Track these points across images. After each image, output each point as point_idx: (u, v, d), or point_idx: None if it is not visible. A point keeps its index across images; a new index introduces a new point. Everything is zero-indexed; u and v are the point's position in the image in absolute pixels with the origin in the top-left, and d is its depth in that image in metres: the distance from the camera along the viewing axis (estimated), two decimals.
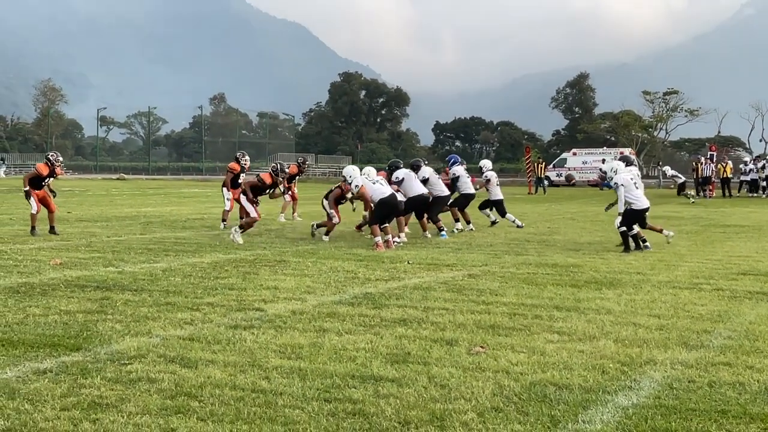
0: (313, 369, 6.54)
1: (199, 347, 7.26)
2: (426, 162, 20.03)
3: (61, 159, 18.58)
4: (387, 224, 16.38)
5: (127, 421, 5.23)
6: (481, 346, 7.33)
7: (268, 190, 17.69)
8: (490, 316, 8.80)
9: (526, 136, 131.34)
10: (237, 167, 20.65)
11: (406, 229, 18.08)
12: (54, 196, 18.62)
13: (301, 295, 10.15)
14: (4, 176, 69.51)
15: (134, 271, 12.14)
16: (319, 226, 18.10)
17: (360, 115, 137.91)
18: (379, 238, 15.87)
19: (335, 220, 17.59)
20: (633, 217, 15.38)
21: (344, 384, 6.14)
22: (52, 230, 17.86)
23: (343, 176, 17.05)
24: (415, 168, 18.72)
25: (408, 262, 13.53)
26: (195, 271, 12.25)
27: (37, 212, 17.91)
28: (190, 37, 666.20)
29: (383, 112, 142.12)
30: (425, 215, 18.57)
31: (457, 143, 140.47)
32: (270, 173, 17.70)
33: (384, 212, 16.35)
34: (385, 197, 16.34)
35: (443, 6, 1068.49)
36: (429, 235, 18.15)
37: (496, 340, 7.63)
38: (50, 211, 18.12)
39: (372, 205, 16.52)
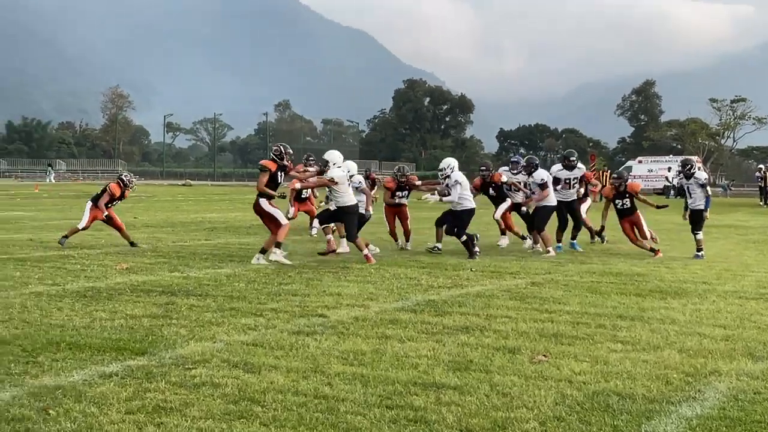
0: (375, 376, 6.55)
1: (262, 353, 7.30)
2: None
3: (134, 180, 17.37)
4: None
5: (191, 425, 5.28)
6: (544, 355, 7.28)
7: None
8: (553, 325, 8.73)
9: (590, 144, 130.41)
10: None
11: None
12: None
13: (364, 302, 10.16)
14: (53, 182, 70.64)
15: (199, 277, 12.26)
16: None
17: (424, 122, 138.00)
18: (366, 251, 14.83)
19: (290, 215, 17.06)
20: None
21: (406, 391, 6.14)
22: (132, 245, 16.50)
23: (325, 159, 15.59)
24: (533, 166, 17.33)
25: (471, 270, 13.49)
26: (259, 277, 12.33)
27: (83, 229, 16.65)
28: (257, 45, 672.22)
29: (447, 119, 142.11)
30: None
31: (522, 150, 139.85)
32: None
33: (354, 221, 15.11)
34: (349, 206, 14.95)
35: (506, 13, 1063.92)
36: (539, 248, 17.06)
37: (558, 349, 7.57)
38: (120, 230, 16.89)
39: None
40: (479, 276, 12.85)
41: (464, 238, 15.68)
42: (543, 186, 16.82)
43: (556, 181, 17.39)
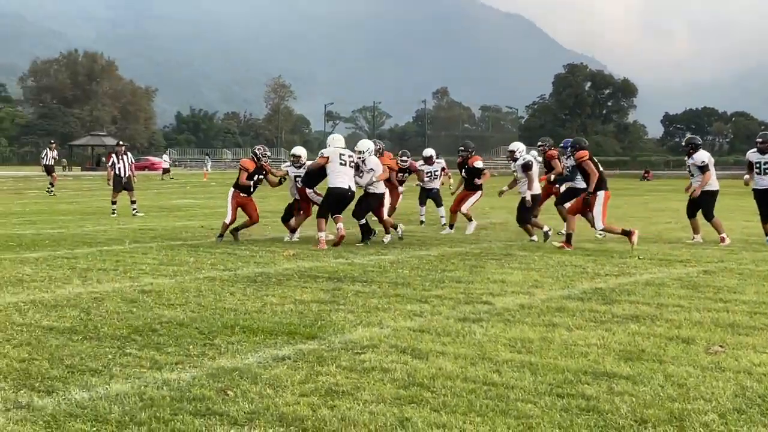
0: (544, 364, 6.49)
1: (429, 339, 7.34)
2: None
3: (268, 153, 16.05)
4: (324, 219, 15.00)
5: (363, 408, 5.35)
6: (720, 346, 7.06)
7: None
8: (729, 315, 8.45)
9: (762, 127, 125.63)
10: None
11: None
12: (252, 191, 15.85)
13: (529, 289, 10.09)
14: (209, 170, 72.55)
15: (363, 263, 12.41)
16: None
17: (585, 107, 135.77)
18: (321, 235, 14.70)
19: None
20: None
21: (576, 380, 6.06)
22: (235, 235, 15.57)
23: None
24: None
25: (639, 258, 13.21)
26: (422, 264, 12.40)
27: (230, 222, 15.57)
28: (414, 32, 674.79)
29: (609, 103, 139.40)
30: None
31: (688, 135, 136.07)
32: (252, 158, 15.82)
33: (330, 203, 15.00)
34: (337, 187, 14.79)
35: None
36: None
37: (736, 340, 7.33)
38: (251, 223, 15.86)
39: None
40: (647, 264, 12.56)
41: (363, 221, 15.26)
42: (703, 169, 15.77)
43: (750, 166, 15.85)
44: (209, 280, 10.59)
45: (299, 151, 16.10)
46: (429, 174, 19.92)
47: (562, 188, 17.37)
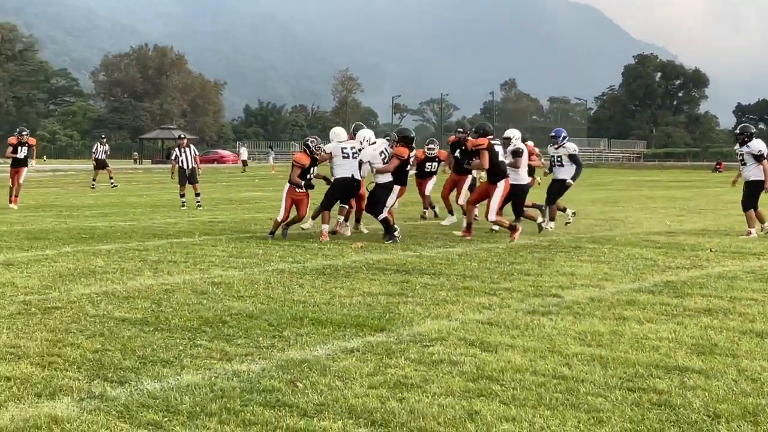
0: (614, 357, 6.42)
1: (498, 332, 7.30)
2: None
3: (322, 145, 15.08)
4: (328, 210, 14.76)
5: (431, 401, 5.35)
6: None
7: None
8: None
9: None
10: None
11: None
12: (310, 189, 15.05)
13: (599, 282, 9.99)
14: (272, 163, 72.86)
15: (431, 256, 12.39)
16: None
17: (655, 97, 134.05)
18: (326, 227, 14.46)
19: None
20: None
21: (648, 374, 5.98)
22: (285, 231, 14.97)
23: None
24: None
25: (711, 250, 13.00)
26: (490, 256, 12.34)
27: (283, 220, 14.90)
28: (482, 24, 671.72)
29: (680, 94, 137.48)
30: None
31: (761, 125, 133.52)
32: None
33: (334, 194, 14.85)
34: (341, 177, 14.70)
35: None
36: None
37: None
38: (299, 219, 15.18)
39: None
40: (719, 256, 12.37)
41: (382, 216, 14.46)
42: (759, 158, 15.23)
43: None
44: (278, 272, 10.66)
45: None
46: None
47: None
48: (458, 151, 17.64)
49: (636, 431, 4.86)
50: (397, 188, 14.93)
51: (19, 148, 22.73)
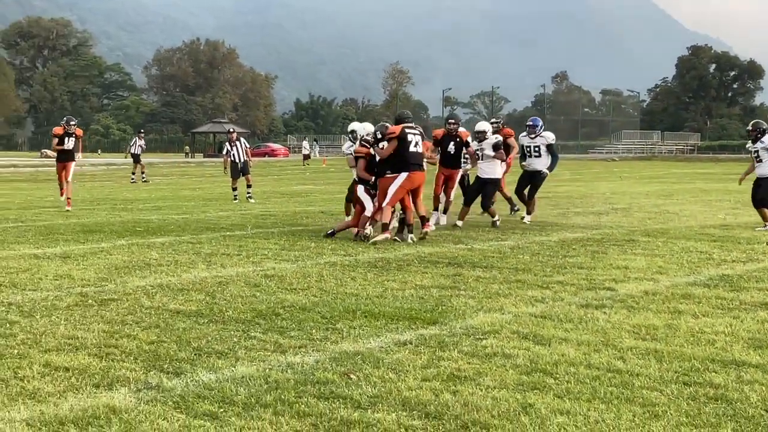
0: (669, 351, 6.37)
1: (551, 325, 7.27)
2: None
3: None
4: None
5: (485, 394, 5.34)
6: None
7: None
8: None
9: None
10: None
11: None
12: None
13: (653, 276, 9.91)
14: (318, 156, 72.92)
15: (483, 249, 12.37)
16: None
17: (709, 89, 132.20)
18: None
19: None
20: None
21: (704, 368, 5.93)
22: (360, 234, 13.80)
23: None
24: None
25: (767, 244, 12.83)
26: (542, 250, 12.29)
27: (375, 211, 13.84)
28: (533, 15, 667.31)
29: (735, 86, 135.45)
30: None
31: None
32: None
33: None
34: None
35: None
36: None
37: None
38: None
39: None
40: None
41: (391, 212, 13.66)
42: None
43: None
44: (330, 265, 10.70)
45: (357, 126, 14.72)
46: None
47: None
48: (452, 143, 15.86)
49: (692, 425, 4.81)
50: (404, 175, 13.43)
51: (66, 139, 20.22)
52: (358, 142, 14.12)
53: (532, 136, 16.47)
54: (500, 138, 15.87)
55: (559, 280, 9.55)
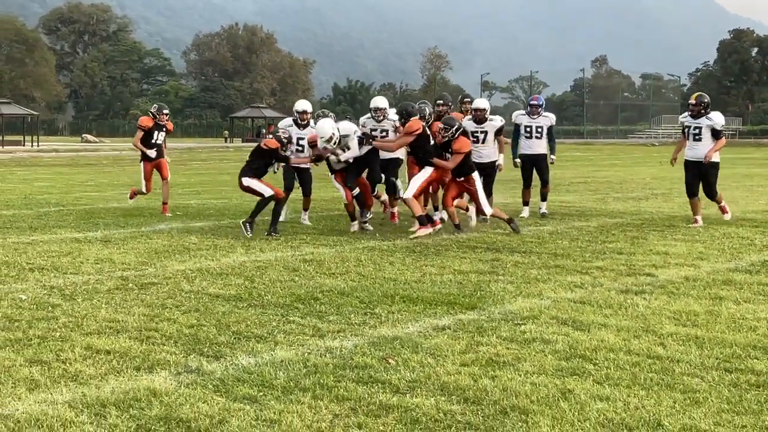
0: (710, 337, 6.32)
1: (591, 310, 7.24)
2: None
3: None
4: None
5: (524, 379, 5.32)
6: None
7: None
8: None
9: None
10: None
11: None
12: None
13: (693, 261, 9.82)
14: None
15: (521, 234, 12.30)
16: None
17: (751, 74, 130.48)
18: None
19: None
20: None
21: (745, 354, 5.88)
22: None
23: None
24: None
25: None
26: (581, 235, 12.22)
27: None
28: (572, 0, 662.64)
29: None
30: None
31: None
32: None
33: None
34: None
35: None
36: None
37: None
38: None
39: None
40: None
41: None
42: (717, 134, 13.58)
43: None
44: (368, 250, 10.71)
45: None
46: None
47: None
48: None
49: (733, 412, 4.77)
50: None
51: (156, 133, 15.34)
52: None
53: (534, 116, 14.60)
54: (503, 121, 14.04)
55: (598, 266, 9.50)
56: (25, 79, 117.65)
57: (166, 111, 15.60)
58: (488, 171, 13.69)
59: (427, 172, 12.44)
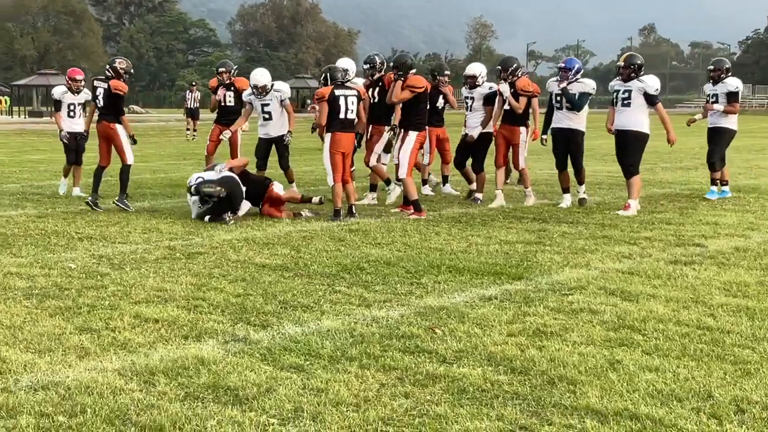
0: (761, 308, 6.24)
1: (639, 281, 7.17)
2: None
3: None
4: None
5: (572, 350, 5.29)
6: None
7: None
8: None
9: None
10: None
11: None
12: None
13: (744, 232, 9.70)
14: None
15: (568, 204, 12.19)
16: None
17: None
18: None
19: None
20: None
21: None
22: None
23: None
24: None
25: None
26: None
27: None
28: None
29: None
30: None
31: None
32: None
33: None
34: None
35: None
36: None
37: None
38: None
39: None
40: None
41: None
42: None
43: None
44: (414, 220, 10.68)
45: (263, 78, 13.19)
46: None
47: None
48: (441, 98, 13.40)
49: None
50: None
51: (226, 94, 14.16)
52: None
53: (566, 82, 12.01)
54: (494, 88, 12.63)
55: (646, 236, 9.41)
56: (72, 50, 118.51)
57: (230, 70, 14.24)
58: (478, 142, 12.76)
59: (411, 143, 11.30)
